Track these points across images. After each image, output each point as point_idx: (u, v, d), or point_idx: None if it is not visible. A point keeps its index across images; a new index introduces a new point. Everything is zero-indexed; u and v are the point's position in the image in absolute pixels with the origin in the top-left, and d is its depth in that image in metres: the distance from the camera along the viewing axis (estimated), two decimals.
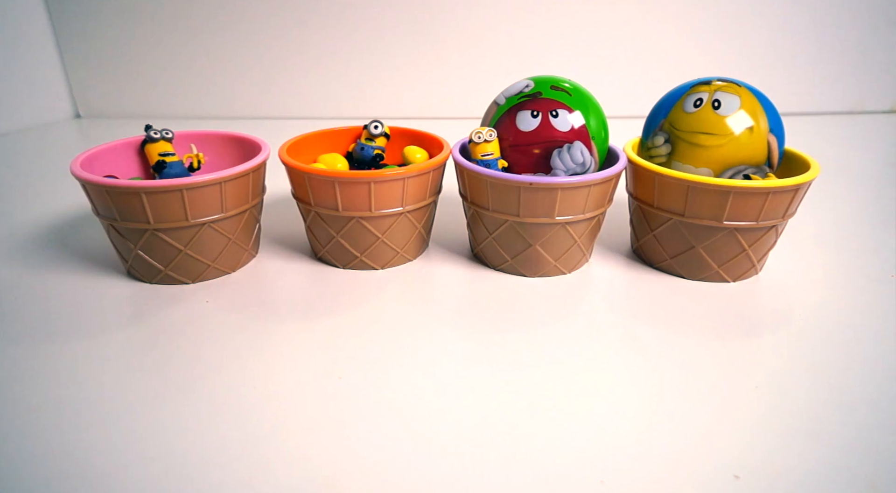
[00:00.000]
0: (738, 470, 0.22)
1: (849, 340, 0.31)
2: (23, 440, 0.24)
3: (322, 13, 0.76)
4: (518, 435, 0.24)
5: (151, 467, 0.22)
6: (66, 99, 0.83)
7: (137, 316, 0.32)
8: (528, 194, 0.33)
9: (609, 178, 0.34)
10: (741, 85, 0.35)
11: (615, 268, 0.38)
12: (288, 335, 0.31)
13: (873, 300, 0.34)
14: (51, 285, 0.36)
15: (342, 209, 0.35)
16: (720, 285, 0.36)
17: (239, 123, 0.64)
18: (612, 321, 0.32)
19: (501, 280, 0.37)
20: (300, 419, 0.25)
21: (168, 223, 0.33)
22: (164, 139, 0.38)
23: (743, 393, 0.27)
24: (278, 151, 0.37)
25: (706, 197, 0.33)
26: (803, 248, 0.41)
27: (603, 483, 0.22)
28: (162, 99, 0.82)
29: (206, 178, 0.32)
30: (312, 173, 0.34)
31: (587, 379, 0.27)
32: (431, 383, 0.27)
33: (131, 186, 0.31)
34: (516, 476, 0.22)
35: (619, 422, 0.25)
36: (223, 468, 0.22)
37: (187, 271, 0.35)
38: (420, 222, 0.38)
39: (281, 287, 0.36)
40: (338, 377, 0.28)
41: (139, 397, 0.26)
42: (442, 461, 0.23)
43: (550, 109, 0.35)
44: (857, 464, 0.23)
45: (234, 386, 0.27)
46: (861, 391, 0.27)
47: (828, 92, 0.82)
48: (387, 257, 0.38)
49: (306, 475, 0.22)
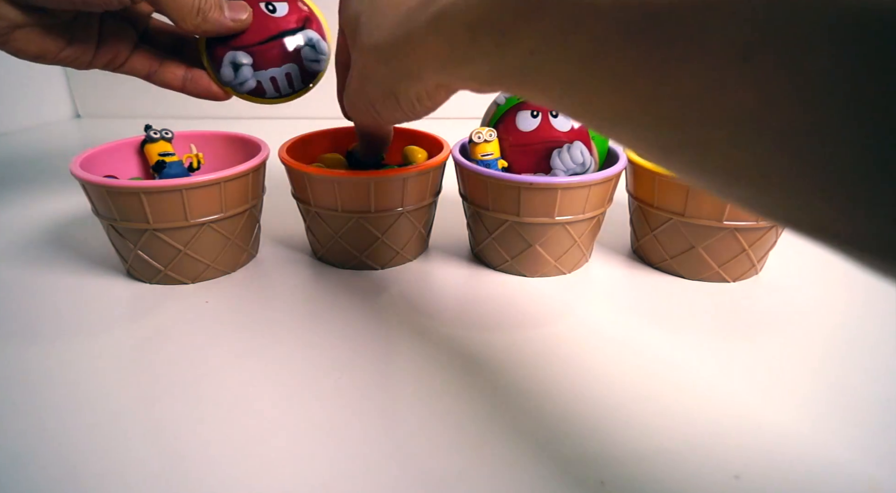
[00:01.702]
0: (738, 470, 0.22)
1: (849, 340, 0.31)
2: (23, 440, 0.24)
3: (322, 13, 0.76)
4: (518, 435, 0.24)
5: (151, 467, 0.22)
6: (66, 99, 0.83)
7: (137, 316, 0.32)
8: (528, 194, 0.33)
9: (609, 178, 0.34)
10: None
11: (615, 268, 0.38)
12: (288, 335, 0.31)
13: (873, 300, 0.34)
14: (51, 285, 0.36)
15: (342, 209, 0.35)
16: (720, 284, 0.36)
17: (239, 123, 0.64)
18: (612, 321, 0.32)
19: (501, 280, 0.37)
20: (300, 419, 0.25)
21: (167, 223, 0.33)
22: (163, 139, 0.38)
23: (743, 393, 0.27)
24: (278, 151, 0.37)
25: (706, 197, 0.33)
26: (803, 248, 0.41)
27: (603, 484, 0.22)
28: (162, 99, 0.82)
29: (206, 178, 0.32)
30: (312, 173, 0.34)
31: (587, 379, 0.27)
32: (431, 383, 0.27)
33: (131, 186, 0.31)
34: (516, 476, 0.22)
35: (619, 422, 0.25)
36: (223, 468, 0.22)
37: (187, 271, 0.35)
38: (420, 222, 0.38)
39: (281, 287, 0.36)
40: (337, 377, 0.28)
41: (139, 397, 0.26)
42: (442, 461, 0.23)
43: (550, 109, 0.35)
44: (857, 464, 0.23)
45: (233, 386, 0.27)
46: (861, 391, 0.27)
47: None
48: (387, 256, 0.37)
49: (306, 475, 0.22)
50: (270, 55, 0.36)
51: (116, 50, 0.35)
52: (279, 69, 0.36)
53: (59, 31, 0.32)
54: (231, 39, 0.35)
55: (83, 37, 0.33)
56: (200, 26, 0.31)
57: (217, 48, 0.35)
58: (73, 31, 0.32)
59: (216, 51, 0.35)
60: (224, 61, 0.35)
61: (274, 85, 0.36)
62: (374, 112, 0.26)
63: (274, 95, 0.37)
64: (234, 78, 0.36)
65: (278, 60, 0.36)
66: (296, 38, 0.36)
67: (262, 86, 0.36)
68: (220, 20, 0.32)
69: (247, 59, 0.35)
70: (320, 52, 0.36)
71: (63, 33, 0.32)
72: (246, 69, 0.35)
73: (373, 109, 0.26)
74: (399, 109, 0.25)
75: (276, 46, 0.36)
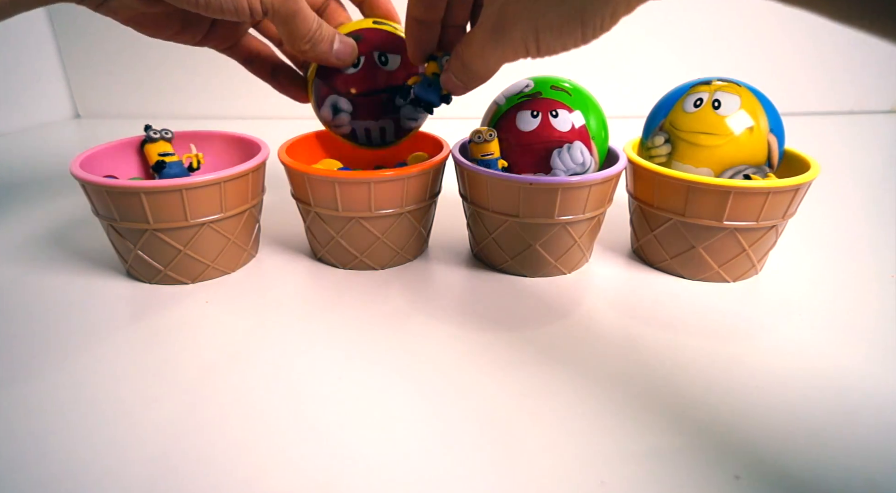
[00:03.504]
0: (739, 470, 0.22)
1: (849, 340, 0.31)
2: (23, 441, 0.24)
3: None
4: (518, 435, 0.24)
5: (151, 467, 0.22)
6: (65, 99, 0.83)
7: (137, 316, 0.32)
8: (528, 194, 0.33)
9: (609, 178, 0.34)
10: (741, 85, 0.35)
11: (615, 268, 0.38)
12: (287, 335, 0.31)
13: (873, 300, 0.34)
14: (51, 285, 0.36)
15: (342, 209, 0.35)
16: (720, 285, 0.36)
17: (239, 123, 0.64)
18: (612, 321, 0.32)
19: (501, 280, 0.37)
20: (300, 419, 0.25)
21: (167, 223, 0.33)
22: (163, 139, 0.38)
23: (743, 393, 0.27)
24: (278, 152, 0.37)
25: (706, 197, 0.33)
26: (803, 248, 0.41)
27: (603, 484, 0.22)
28: (162, 99, 0.82)
29: (206, 178, 0.32)
30: (312, 174, 0.34)
31: (587, 379, 0.27)
32: (432, 383, 0.27)
33: (131, 186, 0.31)
34: (516, 476, 0.22)
35: (619, 422, 0.25)
36: (223, 468, 0.22)
37: (187, 271, 0.35)
38: (420, 222, 0.38)
39: (281, 287, 0.36)
40: (338, 377, 0.28)
41: (139, 397, 0.26)
42: (442, 461, 0.23)
43: (550, 109, 0.35)
44: (857, 464, 0.23)
45: (233, 386, 0.27)
46: (861, 391, 0.27)
47: (828, 92, 0.82)
48: (387, 257, 0.37)
49: (306, 475, 0.22)
50: (371, 107, 0.36)
51: (223, 39, 0.36)
52: (375, 122, 0.36)
53: (176, 18, 0.33)
54: (338, 80, 0.35)
55: (196, 24, 0.34)
56: (306, 53, 0.32)
57: (322, 87, 0.35)
58: (188, 19, 0.33)
59: (321, 89, 0.36)
60: (326, 102, 0.36)
61: (367, 135, 0.37)
62: (532, 44, 0.24)
63: (364, 143, 0.38)
64: (331, 119, 0.36)
65: (377, 114, 0.36)
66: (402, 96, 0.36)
67: (355, 132, 0.37)
68: (327, 54, 0.32)
69: (347, 106, 0.35)
70: (420, 112, 0.37)
71: (178, 20, 0.33)
72: (344, 116, 0.36)
73: (532, 41, 0.24)
74: (577, 34, 0.23)
75: (378, 100, 0.36)
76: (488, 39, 0.26)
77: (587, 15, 0.22)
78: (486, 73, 0.29)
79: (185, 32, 0.34)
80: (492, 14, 0.26)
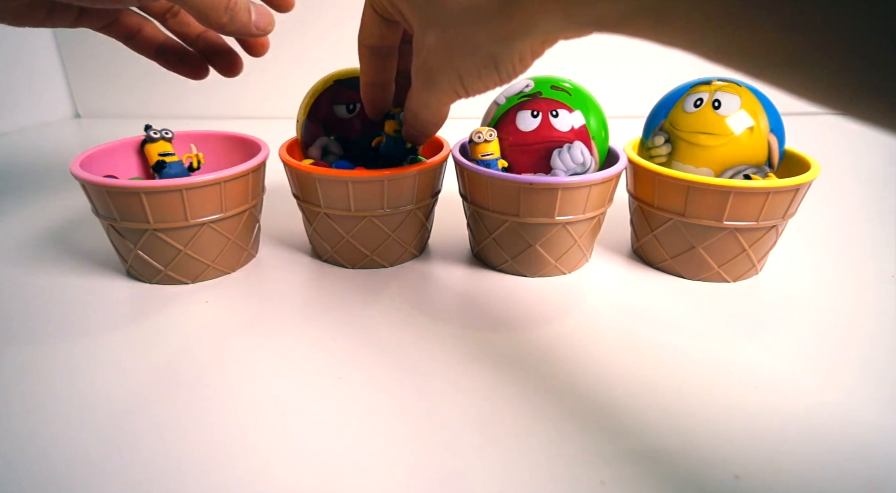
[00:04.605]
0: (739, 470, 0.22)
1: (849, 340, 0.31)
2: (22, 441, 0.24)
3: (323, 12, 0.76)
4: (518, 435, 0.24)
5: (151, 467, 0.22)
6: (65, 99, 0.83)
7: (137, 316, 0.32)
8: (528, 194, 0.33)
9: (609, 178, 0.34)
10: (741, 85, 0.35)
11: (615, 268, 0.38)
12: (288, 335, 0.31)
13: (873, 300, 0.34)
14: (51, 285, 0.36)
15: (355, 209, 0.35)
16: (720, 284, 0.36)
17: (239, 123, 0.64)
18: (612, 321, 0.32)
19: (501, 280, 0.37)
20: (300, 419, 0.25)
21: (168, 223, 0.33)
22: (163, 139, 0.38)
23: (743, 393, 0.27)
24: (279, 152, 0.37)
25: (706, 197, 0.33)
26: (803, 248, 0.41)
27: (603, 484, 0.22)
28: (162, 99, 0.82)
29: (206, 178, 0.32)
30: (324, 175, 0.34)
31: (587, 379, 0.27)
32: (431, 383, 0.27)
33: (131, 186, 0.31)
34: (516, 476, 0.22)
35: (619, 422, 0.25)
36: (223, 468, 0.22)
37: (187, 271, 0.35)
38: (426, 218, 0.38)
39: (281, 287, 0.36)
40: (338, 377, 0.28)
41: (139, 397, 0.26)
42: (442, 461, 0.23)
43: (550, 109, 0.35)
44: (857, 464, 0.23)
45: (233, 386, 0.27)
46: (861, 391, 0.27)
47: None
48: (395, 254, 0.38)
49: (306, 475, 0.22)
50: (361, 152, 0.37)
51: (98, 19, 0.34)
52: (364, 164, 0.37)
53: (41, 5, 0.31)
54: (332, 124, 0.37)
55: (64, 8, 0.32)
56: (225, 26, 0.29)
57: (314, 128, 0.37)
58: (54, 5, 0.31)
59: (313, 129, 0.37)
60: (316, 142, 0.37)
61: None
62: (460, 88, 0.25)
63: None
64: (318, 158, 0.37)
65: (367, 160, 0.37)
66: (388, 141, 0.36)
67: None
68: (247, 24, 0.30)
69: (338, 150, 0.37)
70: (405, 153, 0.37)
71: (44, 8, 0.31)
72: (331, 157, 0.37)
73: (459, 85, 0.25)
74: (494, 77, 0.24)
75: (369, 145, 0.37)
76: (423, 90, 0.28)
77: (499, 61, 0.23)
78: (436, 118, 0.30)
79: (54, 17, 0.32)
80: (420, 68, 0.27)
